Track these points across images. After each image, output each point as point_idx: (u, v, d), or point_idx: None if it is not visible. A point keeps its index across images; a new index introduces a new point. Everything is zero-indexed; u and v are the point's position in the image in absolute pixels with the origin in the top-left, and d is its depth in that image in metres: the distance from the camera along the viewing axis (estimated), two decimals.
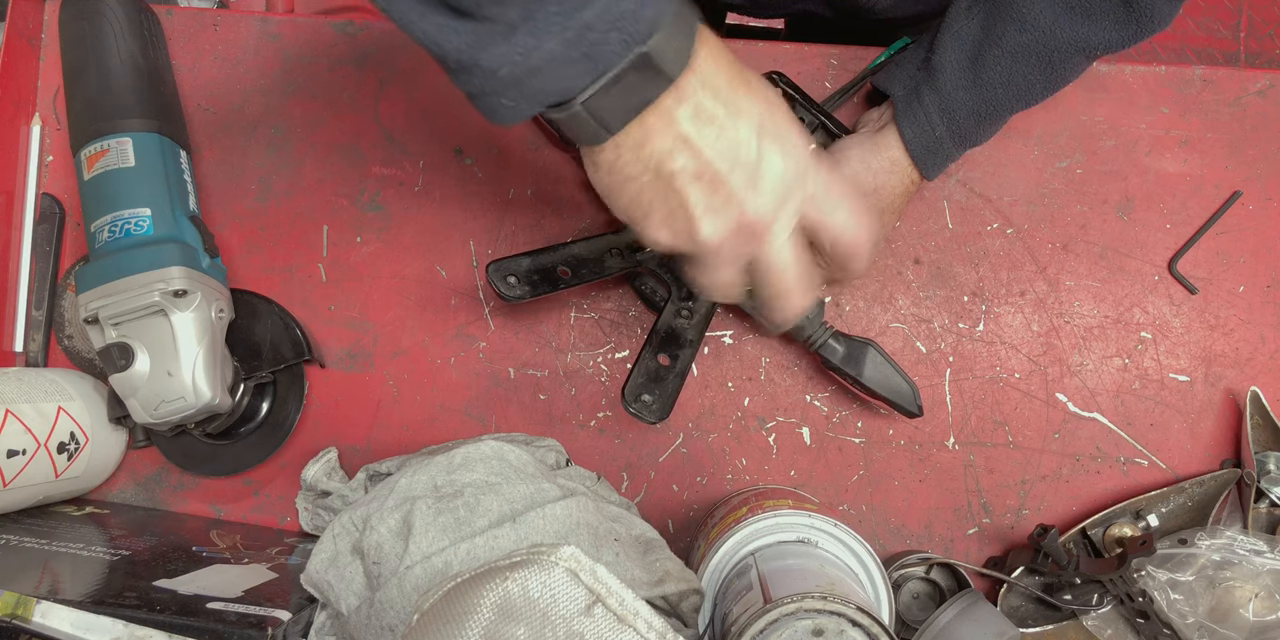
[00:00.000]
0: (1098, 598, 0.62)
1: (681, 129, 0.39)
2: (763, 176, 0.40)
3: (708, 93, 0.39)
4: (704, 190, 0.40)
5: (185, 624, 0.48)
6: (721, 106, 0.39)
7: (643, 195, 0.41)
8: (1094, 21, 0.52)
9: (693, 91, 0.38)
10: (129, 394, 0.59)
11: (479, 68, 0.35)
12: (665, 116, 0.39)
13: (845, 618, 0.44)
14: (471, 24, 0.34)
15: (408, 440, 0.68)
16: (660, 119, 0.39)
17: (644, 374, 0.61)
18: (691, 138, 0.39)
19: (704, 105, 0.39)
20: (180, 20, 0.71)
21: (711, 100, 0.39)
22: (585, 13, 0.34)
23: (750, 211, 0.41)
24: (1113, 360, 0.68)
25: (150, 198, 0.61)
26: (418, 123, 0.70)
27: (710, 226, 0.41)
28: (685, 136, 0.39)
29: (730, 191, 0.40)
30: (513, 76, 0.35)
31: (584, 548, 0.50)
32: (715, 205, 0.41)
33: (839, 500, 0.67)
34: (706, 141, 0.39)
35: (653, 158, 0.40)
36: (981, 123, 0.57)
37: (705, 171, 0.40)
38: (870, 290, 0.68)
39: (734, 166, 0.40)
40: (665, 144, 0.39)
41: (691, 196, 0.40)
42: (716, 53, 0.39)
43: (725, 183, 0.40)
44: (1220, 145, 0.69)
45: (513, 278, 0.61)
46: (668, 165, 0.40)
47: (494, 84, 0.36)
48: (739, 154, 0.40)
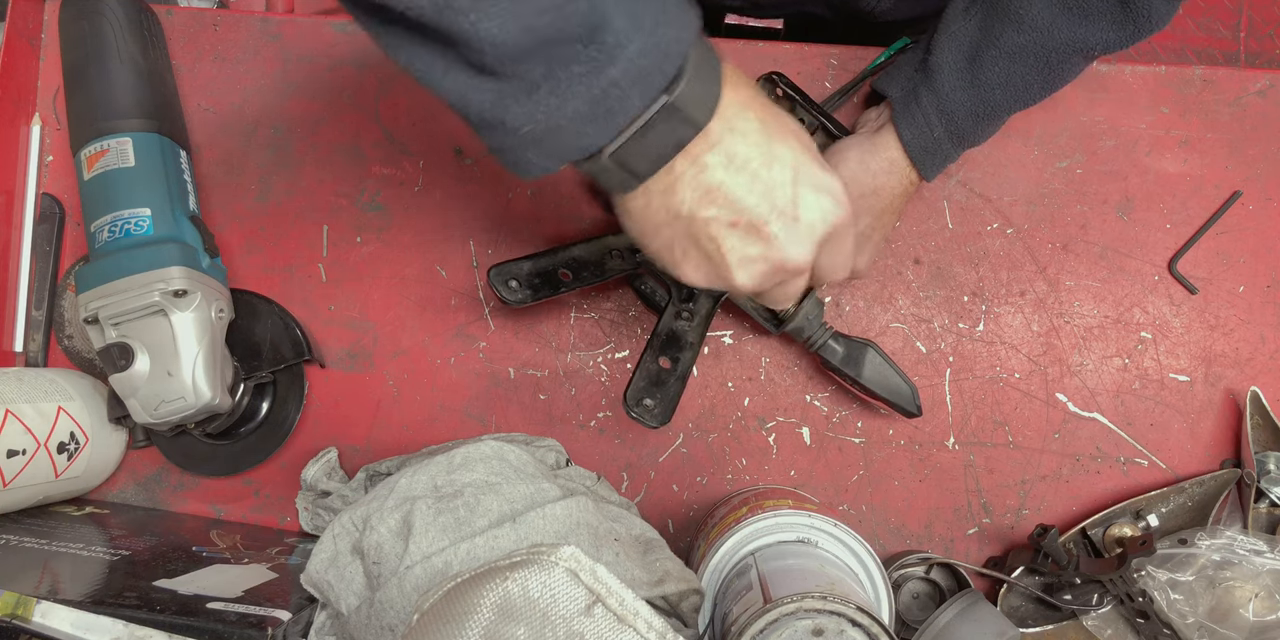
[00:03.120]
0: (1098, 598, 0.62)
1: (712, 176, 0.38)
2: (800, 222, 0.40)
3: (738, 138, 0.38)
4: (740, 237, 0.40)
5: (185, 624, 0.48)
6: (756, 151, 0.39)
7: (676, 241, 0.41)
8: (1092, 22, 0.52)
9: (721, 137, 0.38)
10: (129, 394, 0.59)
11: (503, 125, 0.35)
12: (696, 164, 0.38)
13: (845, 618, 0.44)
14: (494, 82, 0.34)
15: (408, 440, 0.68)
16: (691, 166, 0.38)
17: (645, 377, 0.61)
18: (725, 185, 0.39)
19: (736, 151, 0.38)
20: (180, 20, 0.71)
21: (744, 146, 0.38)
22: (610, 71, 0.34)
23: (789, 259, 0.41)
24: (1113, 360, 0.68)
25: (150, 198, 0.61)
26: (418, 123, 0.70)
27: (745, 274, 0.41)
28: (718, 184, 0.39)
29: (769, 238, 0.40)
30: (535, 134, 0.35)
31: (584, 548, 0.50)
32: (751, 255, 0.40)
33: (839, 500, 0.67)
34: (740, 189, 0.39)
35: (684, 205, 0.39)
36: (980, 123, 0.57)
37: (740, 220, 0.39)
38: (870, 290, 0.68)
39: (770, 213, 0.39)
40: (696, 192, 0.39)
41: (726, 243, 0.40)
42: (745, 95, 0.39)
43: (763, 230, 0.40)
44: (1220, 145, 0.69)
45: (514, 282, 0.61)
46: (701, 213, 0.39)
47: (518, 141, 0.35)
48: (775, 200, 0.39)
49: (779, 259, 0.41)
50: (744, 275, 0.41)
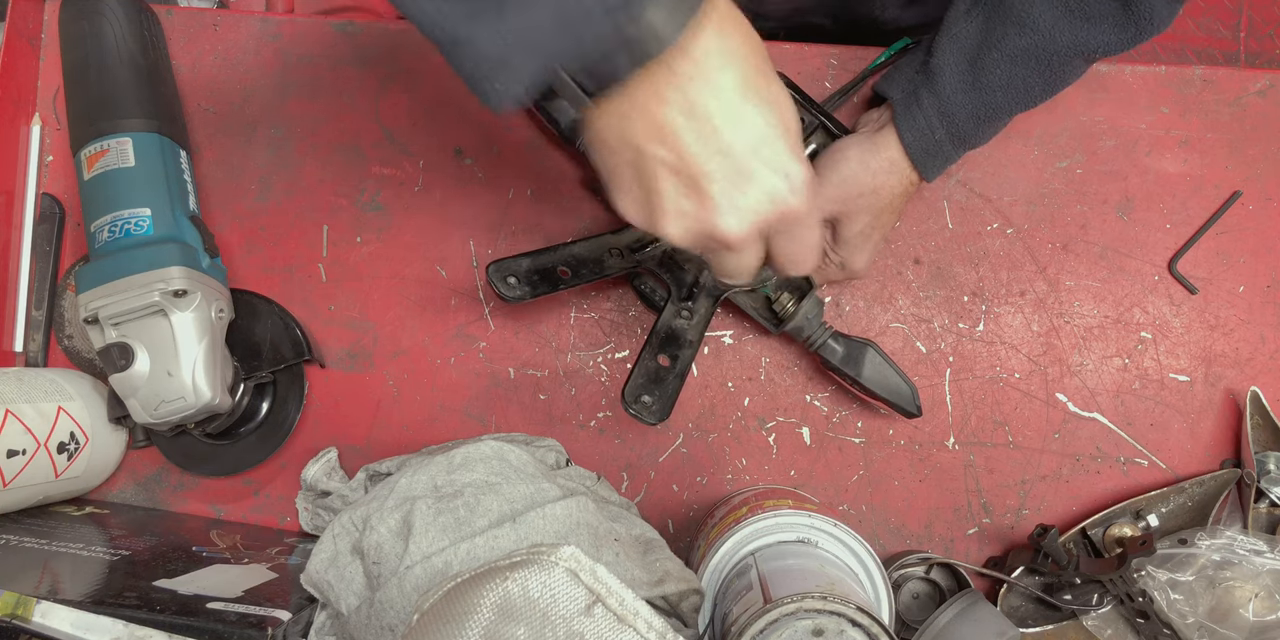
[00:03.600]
0: (1098, 598, 0.62)
1: (669, 116, 0.36)
2: (746, 197, 0.38)
3: (708, 88, 0.36)
4: (680, 188, 0.38)
5: (185, 624, 0.48)
6: (721, 107, 0.37)
7: (621, 170, 0.40)
8: (1093, 24, 0.52)
9: (689, 81, 0.36)
10: (129, 394, 0.59)
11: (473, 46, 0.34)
12: (657, 97, 0.36)
13: (845, 618, 0.44)
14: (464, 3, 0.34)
15: (408, 440, 0.68)
16: (652, 98, 0.36)
17: (644, 375, 0.61)
18: (679, 130, 0.37)
19: (700, 101, 0.36)
20: (180, 20, 0.71)
21: (711, 97, 0.36)
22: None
23: (720, 227, 0.39)
24: (1113, 360, 0.68)
25: (150, 198, 0.61)
26: (418, 123, 0.70)
27: (675, 227, 0.40)
28: (672, 126, 0.37)
29: (705, 199, 0.38)
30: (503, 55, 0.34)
31: (584, 548, 0.50)
32: (685, 209, 0.39)
33: (839, 500, 0.67)
34: (691, 138, 0.37)
35: (635, 136, 0.38)
36: (981, 125, 0.57)
37: (684, 170, 0.38)
38: (870, 290, 0.68)
39: (714, 175, 0.37)
40: (648, 126, 0.37)
41: (665, 190, 0.38)
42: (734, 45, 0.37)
43: (702, 188, 0.38)
44: (1220, 145, 0.69)
45: (513, 278, 0.61)
46: (647, 148, 0.38)
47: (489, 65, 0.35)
48: (725, 164, 0.37)
49: (710, 224, 0.39)
50: (674, 226, 0.39)
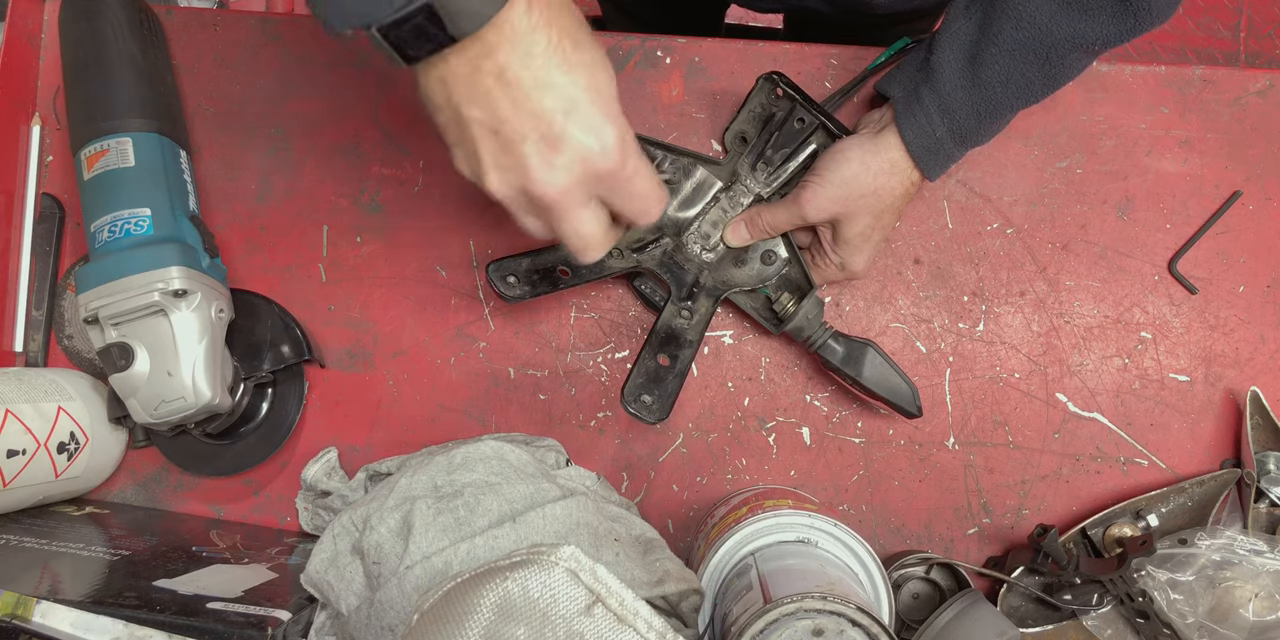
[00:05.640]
0: (1098, 598, 0.62)
1: (483, 82, 0.39)
2: (559, 157, 0.40)
3: (518, 56, 0.38)
4: (497, 147, 0.41)
5: (185, 624, 0.48)
6: (531, 74, 0.39)
7: (448, 128, 0.42)
8: (1091, 16, 0.52)
9: (497, 49, 0.38)
10: (129, 394, 0.59)
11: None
12: (470, 65, 0.39)
13: (845, 618, 0.44)
14: None
15: (408, 440, 0.68)
16: (465, 66, 0.39)
17: (643, 374, 0.61)
18: (492, 95, 0.39)
19: (509, 68, 0.38)
20: (180, 20, 0.71)
21: (521, 65, 0.39)
22: None
23: (537, 185, 0.41)
24: (1113, 360, 0.68)
25: (150, 198, 0.61)
26: (418, 123, 0.70)
27: (497, 180, 0.42)
28: (485, 91, 0.39)
29: (520, 158, 0.40)
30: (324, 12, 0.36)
31: (584, 548, 0.50)
32: (505, 165, 0.41)
33: (839, 500, 0.67)
34: (504, 103, 0.39)
35: (455, 99, 0.40)
36: (982, 122, 0.57)
37: (500, 130, 0.40)
38: (870, 290, 0.68)
39: (528, 136, 0.40)
40: (466, 90, 0.39)
41: (483, 148, 0.41)
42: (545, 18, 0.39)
43: (518, 149, 0.40)
44: (1220, 145, 0.69)
45: (512, 277, 0.61)
46: (465, 110, 0.40)
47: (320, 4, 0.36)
48: (537, 126, 0.40)
49: (528, 181, 0.41)
50: (496, 182, 0.42)
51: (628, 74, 0.70)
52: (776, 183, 0.64)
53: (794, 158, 0.63)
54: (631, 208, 0.45)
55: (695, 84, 0.69)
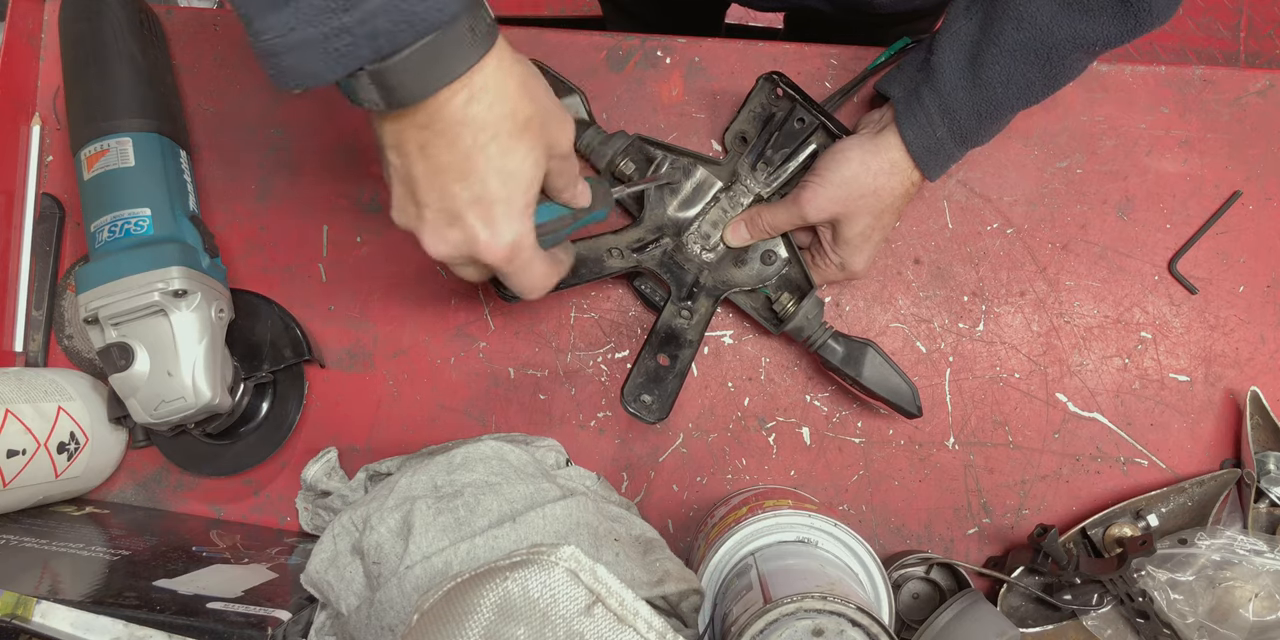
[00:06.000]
0: (1098, 598, 0.62)
1: (406, 147, 0.41)
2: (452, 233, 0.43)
3: (446, 139, 0.40)
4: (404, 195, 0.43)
5: (185, 624, 0.48)
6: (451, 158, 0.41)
7: (386, 171, 0.44)
8: (1091, 17, 0.52)
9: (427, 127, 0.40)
10: (129, 394, 0.59)
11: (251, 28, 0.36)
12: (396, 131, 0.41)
13: (845, 618, 0.44)
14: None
15: (408, 440, 0.68)
16: (395, 122, 0.40)
17: (643, 374, 0.61)
18: (410, 160, 0.41)
19: (432, 145, 0.40)
20: (180, 20, 0.71)
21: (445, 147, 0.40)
22: (345, 17, 0.35)
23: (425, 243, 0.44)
24: (1113, 360, 0.68)
25: (150, 198, 0.61)
26: None
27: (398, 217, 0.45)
28: (407, 154, 0.41)
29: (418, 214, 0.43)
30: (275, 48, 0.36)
31: (584, 548, 0.50)
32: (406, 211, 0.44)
33: (839, 500, 0.67)
34: (419, 173, 0.42)
35: (384, 141, 0.42)
36: (983, 122, 0.57)
37: (410, 189, 0.43)
38: (870, 290, 0.68)
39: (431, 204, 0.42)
40: (392, 141, 0.41)
41: (396, 191, 0.44)
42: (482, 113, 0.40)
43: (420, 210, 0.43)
44: (1220, 145, 0.69)
45: None
46: (388, 155, 0.42)
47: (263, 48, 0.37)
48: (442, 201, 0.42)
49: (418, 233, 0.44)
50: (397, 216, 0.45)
51: (628, 74, 0.70)
52: (776, 183, 0.64)
53: (794, 158, 0.63)
54: (514, 285, 0.48)
55: (695, 84, 0.69)
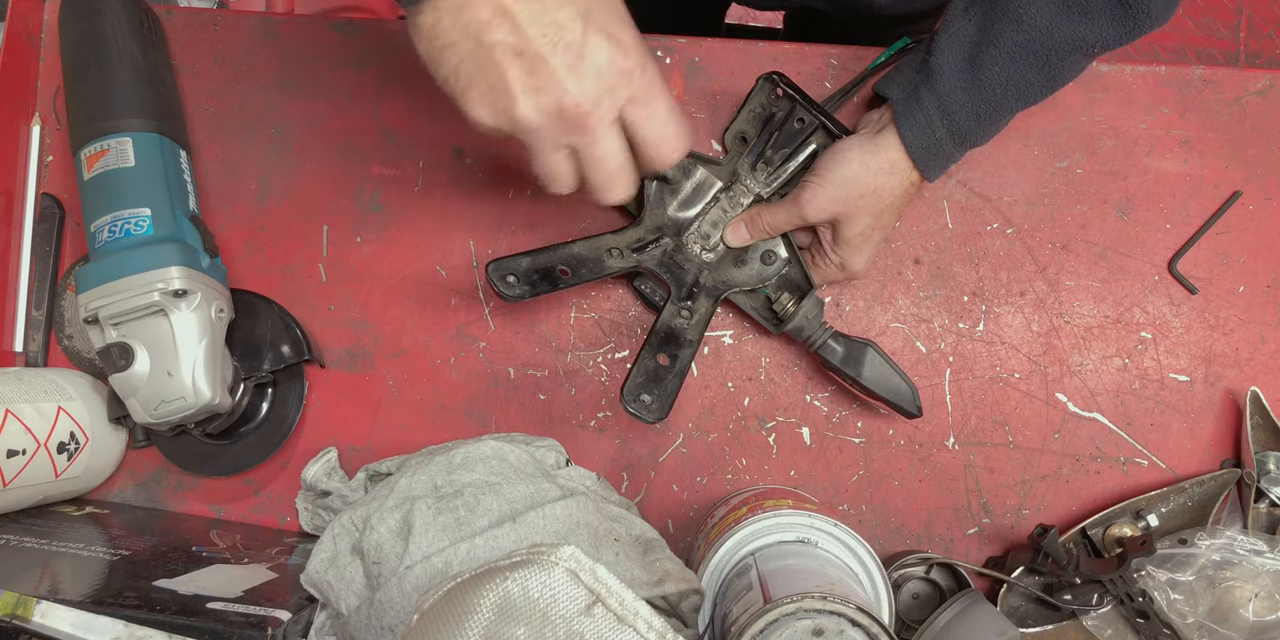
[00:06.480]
0: (1098, 598, 0.62)
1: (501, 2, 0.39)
2: (585, 63, 0.40)
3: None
4: (524, 68, 0.40)
5: (185, 624, 0.48)
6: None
7: (463, 66, 0.41)
8: (1090, 19, 0.52)
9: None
10: (129, 394, 0.59)
11: None
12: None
13: (845, 618, 0.44)
14: None
15: (408, 440, 0.68)
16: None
17: (643, 374, 0.61)
18: (512, 10, 0.39)
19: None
20: (180, 20, 0.71)
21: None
22: None
23: (571, 96, 0.41)
24: (1113, 360, 0.68)
25: (150, 198, 0.61)
26: (418, 123, 0.70)
27: (528, 105, 0.41)
28: (505, 8, 0.39)
29: (551, 72, 0.40)
30: None
31: (584, 548, 0.50)
32: (535, 85, 0.40)
33: (839, 500, 0.67)
34: (527, 17, 0.39)
35: (472, 25, 0.39)
36: (982, 123, 0.57)
37: (526, 48, 0.40)
38: (870, 290, 0.68)
39: (556, 47, 0.40)
40: (484, 12, 0.39)
41: (510, 72, 0.40)
42: None
43: (546, 62, 0.40)
44: (1220, 145, 0.69)
45: (512, 277, 0.61)
46: (487, 36, 0.39)
47: None
48: (562, 35, 0.40)
49: (561, 94, 0.41)
50: (528, 108, 0.41)
51: None
52: (776, 183, 0.64)
53: (794, 158, 0.63)
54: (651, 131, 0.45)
55: (695, 84, 0.69)
